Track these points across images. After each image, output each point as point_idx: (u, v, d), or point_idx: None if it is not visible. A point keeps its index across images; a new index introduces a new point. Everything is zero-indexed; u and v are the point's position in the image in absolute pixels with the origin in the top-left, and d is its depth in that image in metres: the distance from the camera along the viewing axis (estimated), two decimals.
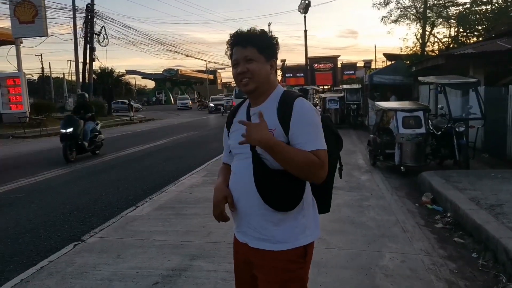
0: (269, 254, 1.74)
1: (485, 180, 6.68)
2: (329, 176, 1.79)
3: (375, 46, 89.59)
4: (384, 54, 26.02)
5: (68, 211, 6.19)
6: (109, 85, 33.02)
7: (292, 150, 1.64)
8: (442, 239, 4.66)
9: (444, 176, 6.96)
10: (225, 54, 1.88)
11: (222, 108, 36.17)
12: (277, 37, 1.85)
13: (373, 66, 37.16)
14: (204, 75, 74.37)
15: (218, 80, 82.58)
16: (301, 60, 68.78)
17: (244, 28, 1.83)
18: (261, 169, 1.72)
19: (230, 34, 1.83)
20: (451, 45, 19.94)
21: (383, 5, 22.25)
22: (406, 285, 3.48)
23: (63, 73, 47.48)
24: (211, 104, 41.25)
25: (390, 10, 22.63)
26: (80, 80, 29.18)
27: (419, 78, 10.91)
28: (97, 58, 29.75)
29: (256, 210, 1.75)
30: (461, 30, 20.05)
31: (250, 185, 1.73)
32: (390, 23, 22.63)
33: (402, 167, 8.12)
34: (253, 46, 1.76)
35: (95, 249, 4.53)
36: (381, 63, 42.02)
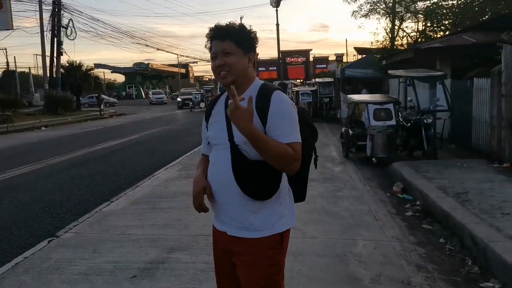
0: (247, 242, 1.79)
1: (452, 169, 6.94)
2: (305, 166, 1.86)
3: (346, 40, 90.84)
4: (355, 48, 26.39)
5: (40, 208, 6.10)
6: (77, 79, 32.25)
7: (272, 141, 1.68)
8: (412, 226, 4.84)
9: (414, 166, 7.19)
10: (205, 47, 1.91)
11: (190, 103, 32.10)
12: (255, 31, 1.88)
13: (344, 60, 37.60)
14: (176, 69, 73.59)
15: (190, 74, 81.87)
16: (274, 54, 69.13)
17: (223, 22, 1.86)
18: (239, 159, 1.76)
19: (209, 28, 1.86)
20: (420, 39, 20.40)
21: (353, 0, 22.53)
22: (379, 270, 3.62)
23: (29, 68, 45.98)
24: (179, 99, 37.31)
25: (360, 4, 22.86)
26: (48, 74, 28.44)
27: (389, 71, 11.16)
28: (65, 52, 29.08)
29: (235, 199, 1.78)
30: (428, 24, 20.53)
31: (229, 176, 1.77)
32: (360, 17, 22.91)
33: (373, 159, 8.33)
34: (231, 40, 1.78)
35: (71, 244, 4.50)
36: (352, 57, 42.60)
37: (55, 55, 28.49)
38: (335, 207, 5.53)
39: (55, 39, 27.90)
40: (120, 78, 79.69)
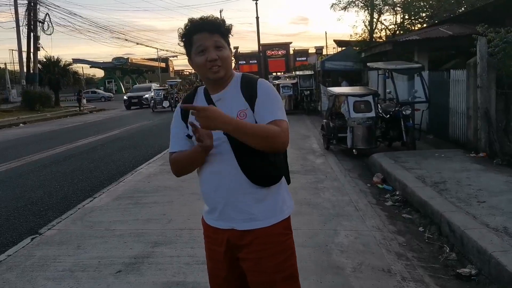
0: (258, 232, 1.77)
1: (430, 160, 7.11)
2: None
3: (326, 33, 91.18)
4: (335, 41, 26.59)
5: (22, 205, 6.03)
6: (55, 74, 31.68)
7: (251, 125, 1.67)
8: (391, 216, 4.97)
9: (393, 157, 7.34)
10: (181, 40, 1.82)
11: (151, 102, 25.81)
12: (231, 26, 1.85)
13: (324, 52, 37.80)
14: (155, 63, 72.84)
15: (171, 68, 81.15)
16: (254, 47, 68.92)
17: (195, 16, 1.81)
18: (242, 149, 1.71)
19: (190, 20, 1.79)
20: (398, 32, 20.68)
21: None
22: (360, 259, 3.72)
23: (5, 63, 44.93)
24: (125, 97, 30.31)
25: None
26: (25, 70, 27.87)
27: (368, 64, 11.32)
28: (42, 47, 28.52)
29: (242, 190, 1.75)
30: (406, 17, 20.83)
31: (233, 167, 1.74)
32: (339, 10, 23.13)
33: (354, 150, 8.46)
34: (219, 33, 1.75)
35: (54, 241, 4.48)
36: (332, 49, 42.83)
37: (31, 50, 27.93)
38: (316, 199, 5.62)
39: (32, 34, 27.34)
40: (99, 73, 78.52)
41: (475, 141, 7.62)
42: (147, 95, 27.37)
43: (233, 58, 1.91)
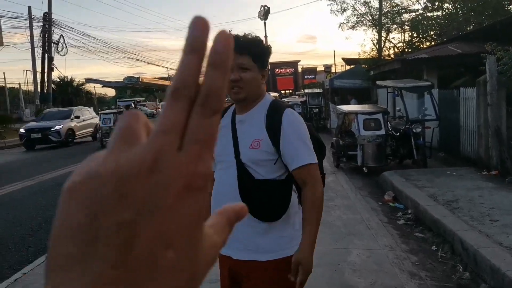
0: (255, 264, 1.70)
1: (442, 178, 7.08)
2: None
3: (334, 51, 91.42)
4: (343, 59, 26.74)
5: (36, 224, 6.11)
6: (69, 94, 32.27)
7: (313, 226, 1.69)
8: (404, 235, 4.95)
9: (404, 175, 7.32)
10: None
11: (98, 133, 17.77)
12: (271, 46, 1.81)
13: (333, 70, 38.05)
14: (166, 82, 73.62)
15: None
16: None
17: (239, 32, 1.76)
18: (246, 179, 1.69)
19: None
20: (406, 50, 20.78)
21: (341, 12, 22.94)
22: (373, 278, 3.71)
23: (19, 84, 45.76)
24: (22, 130, 17.69)
25: (347, 16, 23.40)
26: (39, 90, 28.37)
27: (377, 82, 11.38)
28: (56, 67, 29.02)
29: (242, 221, 1.74)
30: (414, 35, 20.94)
31: (235, 195, 1.68)
32: (347, 29, 23.34)
33: (364, 168, 8.45)
34: (249, 54, 1.69)
35: None
36: (340, 67, 43.06)
37: (46, 70, 28.46)
38: (327, 217, 5.62)
39: (46, 55, 27.90)
40: (111, 92, 79.53)
41: (486, 159, 7.59)
42: (59, 127, 17.15)
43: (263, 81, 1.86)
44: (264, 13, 35.50)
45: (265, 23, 35.95)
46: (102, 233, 0.22)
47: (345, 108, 10.12)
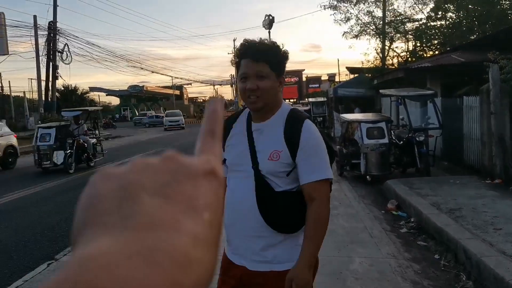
0: (272, 274, 1.67)
1: (445, 186, 7.05)
2: None
3: (338, 60, 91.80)
4: (347, 68, 26.77)
5: (39, 231, 6.12)
6: (73, 102, 32.43)
7: (314, 242, 1.67)
8: (407, 243, 4.93)
9: (407, 184, 7.30)
10: (231, 62, 1.78)
11: (34, 154, 12.27)
12: (288, 51, 1.74)
13: (337, 79, 38.13)
14: (170, 91, 74.00)
15: (185, 95, 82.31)
16: None
17: (254, 38, 1.70)
18: (265, 190, 1.65)
19: (241, 43, 1.70)
20: (409, 59, 20.80)
21: (344, 21, 23.01)
22: (375, 286, 3.69)
23: (24, 92, 46.13)
24: None
25: (351, 26, 23.39)
26: (43, 98, 28.56)
27: (381, 90, 11.39)
28: (60, 76, 29.22)
29: (258, 232, 1.66)
30: (418, 44, 20.98)
31: (252, 206, 1.65)
32: (351, 38, 23.38)
33: (367, 176, 8.43)
34: (266, 62, 1.63)
35: None
36: (344, 76, 43.13)
37: (50, 79, 28.66)
38: (331, 225, 5.54)
39: (51, 63, 28.12)
40: (115, 100, 79.99)
41: (490, 167, 7.56)
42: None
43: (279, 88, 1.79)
44: (269, 22, 35.67)
45: (269, 32, 36.10)
46: (143, 192, 0.27)
47: (349, 116, 10.13)
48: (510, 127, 7.36)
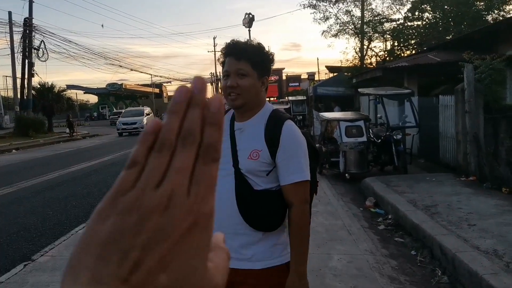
0: (250, 273, 1.69)
1: (422, 184, 7.19)
2: (311, 193, 1.80)
3: (317, 59, 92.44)
4: (327, 67, 27.03)
5: (14, 232, 6.00)
6: (49, 101, 31.77)
7: (301, 249, 1.71)
8: (384, 239, 5.01)
9: (385, 181, 7.42)
10: (218, 61, 1.80)
11: None
12: (273, 53, 1.77)
13: (316, 78, 38.33)
14: (149, 89, 73.25)
15: (164, 94, 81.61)
16: None
17: (241, 39, 1.73)
18: (244, 189, 1.67)
19: (226, 43, 1.74)
20: (387, 58, 21.10)
21: (323, 20, 23.20)
22: (353, 283, 3.75)
23: None
24: None
25: (330, 25, 23.66)
26: (19, 96, 27.94)
27: (359, 89, 11.53)
28: (37, 74, 28.62)
29: (237, 230, 1.68)
30: (395, 44, 21.29)
31: (231, 205, 1.67)
32: (330, 37, 23.59)
33: (346, 174, 8.53)
34: (247, 61, 1.66)
35: (47, 268, 4.46)
36: (324, 75, 43.46)
37: (26, 76, 28.04)
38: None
39: (26, 60, 27.52)
40: (93, 99, 78.83)
41: (465, 165, 7.74)
42: None
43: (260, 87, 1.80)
44: (249, 21, 35.63)
45: (249, 30, 36.07)
46: (116, 253, 0.27)
47: (328, 115, 10.23)
48: (484, 126, 7.55)
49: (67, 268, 0.28)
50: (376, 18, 21.91)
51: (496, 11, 17.46)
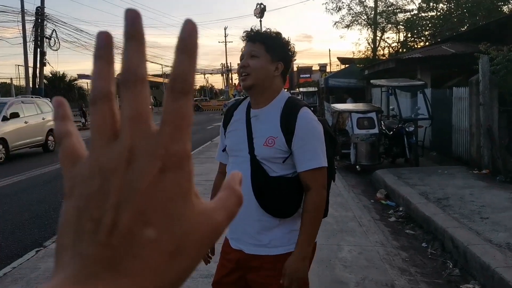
0: (268, 258, 1.71)
1: (433, 176, 7.12)
2: (328, 180, 1.79)
3: (329, 50, 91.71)
4: (338, 58, 26.81)
5: (26, 219, 6.07)
6: (61, 90, 32.07)
7: (310, 230, 1.68)
8: (395, 232, 4.98)
9: (397, 174, 7.36)
10: (241, 50, 1.83)
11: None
12: (293, 44, 1.81)
13: (328, 69, 38.13)
14: (160, 79, 73.42)
15: None
16: None
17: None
18: (260, 175, 1.69)
19: (245, 30, 1.80)
20: (400, 49, 20.84)
21: (336, 11, 22.94)
22: (364, 274, 3.73)
23: (11, 78, 45.33)
24: None
25: (342, 15, 23.40)
26: (30, 85, 28.17)
27: (371, 81, 11.40)
28: (48, 63, 28.80)
29: (254, 216, 1.70)
30: (409, 35, 21.01)
31: (248, 191, 1.67)
32: (342, 28, 23.32)
33: (357, 166, 8.48)
34: (262, 43, 1.71)
35: None
36: (335, 66, 43.18)
37: (38, 65, 28.25)
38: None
39: (38, 49, 27.69)
40: None
41: (478, 158, 7.64)
42: None
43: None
44: (260, 11, 35.45)
45: (260, 21, 35.88)
46: (89, 222, 0.26)
47: (339, 106, 10.15)
48: (498, 118, 7.43)
49: (54, 258, 0.27)
50: (390, 8, 21.60)
51: None
